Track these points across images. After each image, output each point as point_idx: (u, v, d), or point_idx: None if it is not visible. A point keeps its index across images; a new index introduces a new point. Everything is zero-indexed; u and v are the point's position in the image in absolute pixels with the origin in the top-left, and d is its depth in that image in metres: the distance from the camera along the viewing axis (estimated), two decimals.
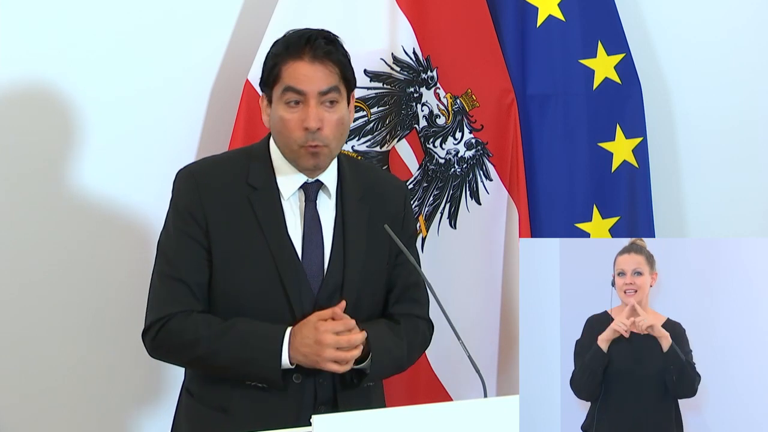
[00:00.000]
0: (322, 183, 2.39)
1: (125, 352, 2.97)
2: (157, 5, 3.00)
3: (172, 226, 2.38)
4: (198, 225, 2.34)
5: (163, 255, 2.38)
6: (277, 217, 2.36)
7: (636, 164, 3.37)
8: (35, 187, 2.93)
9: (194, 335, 2.31)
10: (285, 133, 2.33)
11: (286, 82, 2.32)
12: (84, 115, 2.95)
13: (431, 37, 3.14)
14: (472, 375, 2.10)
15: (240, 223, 2.34)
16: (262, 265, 2.33)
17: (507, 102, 3.21)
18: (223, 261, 2.34)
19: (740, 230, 3.56)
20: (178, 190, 2.40)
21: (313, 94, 2.31)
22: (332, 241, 2.38)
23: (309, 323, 2.29)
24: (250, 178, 2.37)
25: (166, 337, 2.33)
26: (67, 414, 3.02)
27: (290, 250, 2.35)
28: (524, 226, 3.23)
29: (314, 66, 2.32)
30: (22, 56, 2.88)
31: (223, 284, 2.35)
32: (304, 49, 2.32)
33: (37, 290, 2.95)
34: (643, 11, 3.47)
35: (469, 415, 1.88)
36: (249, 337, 2.30)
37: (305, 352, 2.27)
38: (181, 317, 2.33)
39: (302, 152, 2.33)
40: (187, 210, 2.35)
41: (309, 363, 2.29)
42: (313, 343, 2.26)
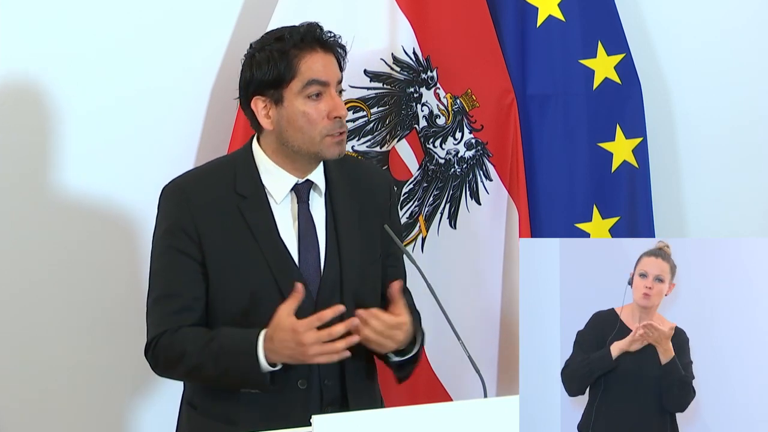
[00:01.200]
0: (312, 182, 2.39)
1: (126, 356, 2.97)
2: (156, 5, 3.00)
3: (161, 244, 2.36)
4: (190, 239, 2.33)
5: (156, 276, 2.37)
6: (268, 223, 2.35)
7: (636, 164, 3.37)
8: (33, 187, 2.92)
9: (181, 349, 2.30)
10: (309, 127, 2.33)
11: (307, 76, 2.32)
12: (84, 115, 2.95)
13: (431, 37, 3.14)
14: (472, 375, 2.10)
15: (232, 233, 2.33)
16: (258, 274, 2.32)
17: (507, 102, 3.21)
18: (218, 273, 2.33)
19: (740, 230, 3.56)
20: (166, 206, 2.38)
21: (334, 83, 2.34)
22: (326, 240, 2.38)
23: (283, 326, 2.23)
24: (238, 186, 2.36)
25: (159, 354, 2.33)
26: (67, 417, 3.02)
27: (285, 256, 2.34)
28: (524, 226, 3.23)
29: (328, 56, 2.35)
30: (19, 57, 2.88)
31: (221, 294, 2.34)
32: (316, 41, 2.34)
33: (37, 292, 2.95)
34: (643, 11, 3.47)
35: (469, 415, 1.88)
36: (226, 347, 2.27)
37: (289, 354, 2.24)
38: (170, 333, 2.32)
39: (327, 141, 2.33)
40: (178, 225, 2.33)
41: (298, 362, 2.26)
42: (295, 346, 2.22)
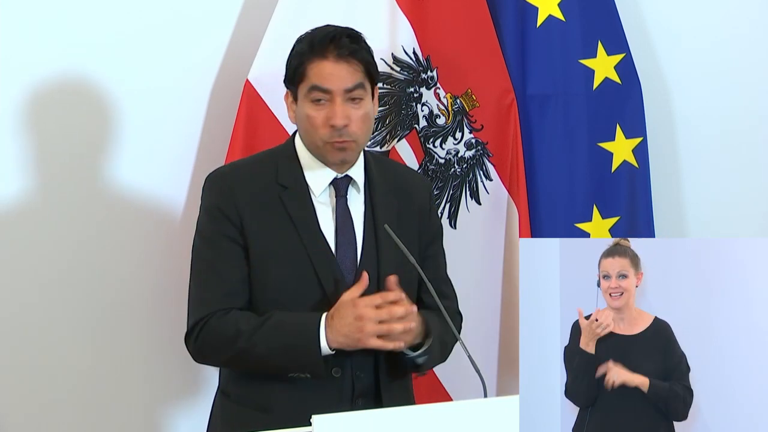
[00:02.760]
0: (351, 178, 2.41)
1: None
2: (157, 6, 3.00)
3: (206, 229, 2.40)
4: (233, 224, 2.36)
5: (199, 258, 2.40)
6: (309, 214, 2.38)
7: (636, 164, 3.37)
8: (33, 187, 2.92)
9: (234, 330, 2.31)
10: (311, 131, 2.35)
11: (312, 81, 2.34)
12: (84, 115, 2.95)
13: (431, 37, 3.14)
14: (472, 375, 2.10)
15: (273, 222, 2.36)
16: (298, 262, 2.35)
17: (507, 102, 3.21)
18: (259, 259, 2.36)
19: (740, 230, 3.56)
20: (210, 192, 2.41)
21: (339, 92, 2.33)
22: (363, 236, 2.40)
23: (345, 302, 2.28)
24: (279, 177, 2.39)
25: (208, 335, 2.34)
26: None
27: (324, 246, 2.37)
28: (524, 226, 3.23)
29: (339, 65, 2.34)
30: (20, 58, 2.88)
31: (261, 282, 2.36)
32: (329, 48, 2.34)
33: (37, 292, 2.95)
34: (643, 11, 3.47)
35: (469, 415, 1.88)
36: (286, 325, 2.30)
37: (345, 331, 2.26)
38: (221, 314, 2.34)
39: (328, 148, 2.35)
40: (221, 211, 2.37)
41: (351, 343, 2.27)
42: (353, 320, 2.25)
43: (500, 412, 1.89)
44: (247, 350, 2.31)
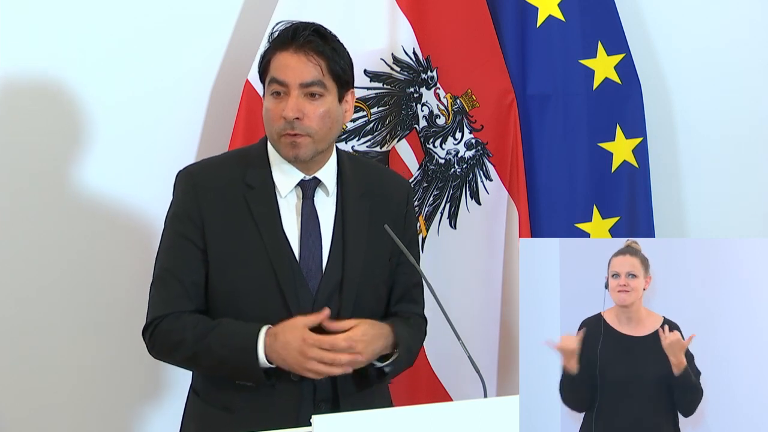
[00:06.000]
0: (319, 180, 2.39)
1: (131, 351, 2.96)
2: (157, 6, 3.00)
3: (169, 227, 2.39)
4: (194, 225, 2.34)
5: (160, 256, 2.40)
6: (272, 214, 2.35)
7: (636, 164, 3.37)
8: (35, 187, 2.93)
9: (180, 336, 2.31)
10: (268, 123, 2.34)
11: (271, 74, 2.33)
12: (84, 116, 2.95)
13: (431, 37, 3.14)
14: (472, 375, 2.10)
15: (236, 223, 2.34)
16: (258, 264, 2.33)
17: (507, 102, 3.21)
18: (219, 261, 2.34)
19: (740, 230, 3.56)
20: (177, 191, 2.40)
21: (294, 85, 2.30)
22: (332, 239, 2.38)
23: (295, 330, 2.26)
24: (247, 177, 2.37)
25: (158, 338, 2.35)
26: (74, 413, 3.03)
27: (286, 248, 2.34)
28: (524, 226, 3.23)
29: (297, 57, 2.31)
30: (21, 58, 2.88)
31: (220, 285, 2.35)
32: (290, 41, 2.32)
33: (39, 290, 2.96)
34: (643, 11, 3.47)
35: (469, 415, 1.88)
36: (227, 338, 2.29)
37: (285, 357, 2.26)
38: (172, 318, 2.33)
39: (282, 141, 2.32)
40: (184, 211, 2.36)
41: (288, 368, 2.27)
42: (297, 354, 2.25)
43: (500, 412, 1.89)
44: (191, 359, 2.32)
